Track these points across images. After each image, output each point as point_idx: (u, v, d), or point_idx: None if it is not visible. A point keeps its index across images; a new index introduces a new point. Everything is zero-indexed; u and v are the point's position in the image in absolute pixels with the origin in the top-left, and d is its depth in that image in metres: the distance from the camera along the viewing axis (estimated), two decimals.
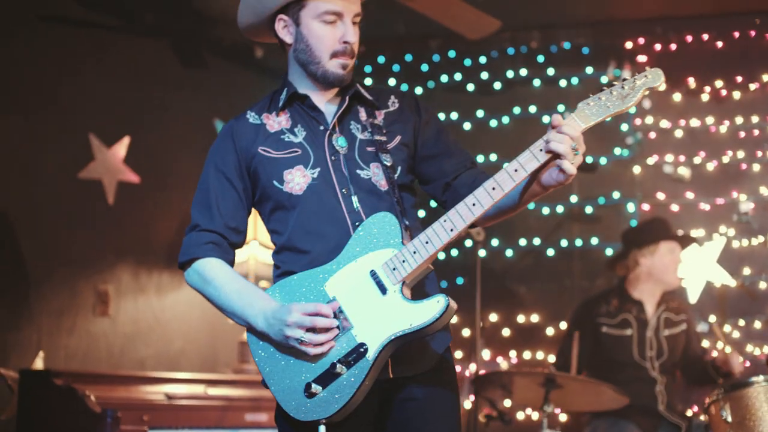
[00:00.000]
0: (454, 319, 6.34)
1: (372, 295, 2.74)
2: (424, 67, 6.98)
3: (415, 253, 2.71)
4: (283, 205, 2.91)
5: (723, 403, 4.45)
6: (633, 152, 6.54)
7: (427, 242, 2.71)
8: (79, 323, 5.85)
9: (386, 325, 2.70)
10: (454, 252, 6.66)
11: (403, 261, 2.71)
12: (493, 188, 2.68)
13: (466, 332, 6.60)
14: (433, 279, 2.94)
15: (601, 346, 5.60)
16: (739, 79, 6.41)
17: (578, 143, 2.64)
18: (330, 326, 2.71)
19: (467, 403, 5.93)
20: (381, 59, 7.03)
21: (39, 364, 5.31)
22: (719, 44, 6.49)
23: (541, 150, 2.66)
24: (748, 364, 6.07)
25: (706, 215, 6.38)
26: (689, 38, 6.54)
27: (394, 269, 2.72)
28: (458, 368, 6.44)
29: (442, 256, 6.54)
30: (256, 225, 6.03)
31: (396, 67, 7.01)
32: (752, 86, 6.39)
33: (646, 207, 6.46)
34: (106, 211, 6.03)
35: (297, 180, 2.89)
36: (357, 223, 2.83)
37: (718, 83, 6.45)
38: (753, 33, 6.44)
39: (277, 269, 2.96)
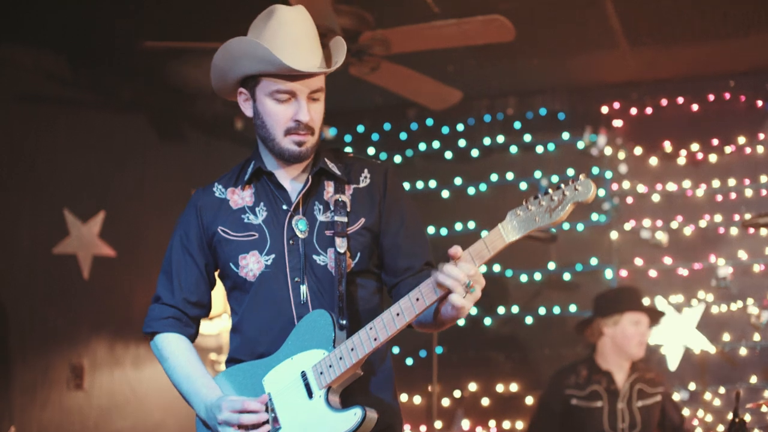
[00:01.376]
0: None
1: (300, 397, 2.72)
2: (403, 136, 7.02)
3: (341, 359, 2.66)
4: (239, 287, 2.91)
5: None
6: (610, 218, 6.49)
7: (352, 349, 2.65)
8: (53, 397, 5.88)
9: (308, 430, 2.68)
10: None
11: (330, 366, 2.67)
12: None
13: (445, 402, 6.55)
14: (386, 380, 2.90)
15: (572, 418, 5.50)
16: (715, 141, 6.35)
17: (474, 279, 2.53)
18: (258, 421, 2.71)
19: None
20: (360, 128, 7.08)
21: None
22: (694, 107, 6.44)
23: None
24: None
25: (684, 281, 6.29)
26: (664, 102, 6.51)
27: (321, 373, 2.69)
28: None
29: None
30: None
31: (375, 136, 7.06)
32: (728, 149, 6.32)
33: (624, 273, 6.39)
34: (81, 285, 6.09)
35: (251, 266, 2.86)
36: (302, 317, 2.80)
37: (694, 146, 6.39)
38: (728, 95, 6.38)
39: (230, 353, 2.97)
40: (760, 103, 6.32)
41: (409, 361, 6.66)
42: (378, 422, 2.70)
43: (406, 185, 6.89)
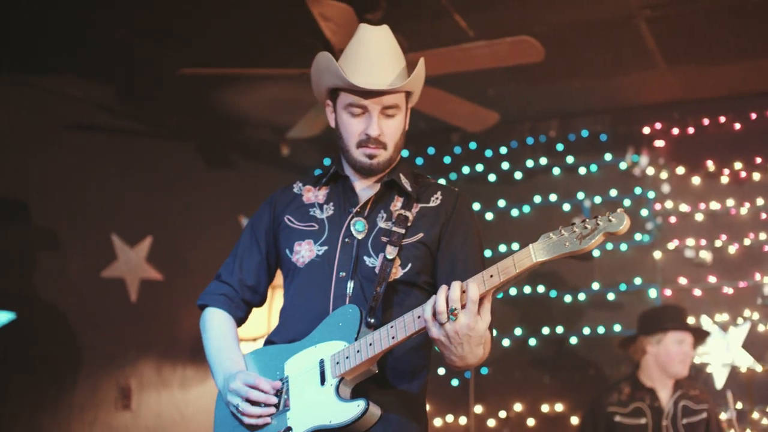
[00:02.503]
0: (479, 409, 6.36)
1: (313, 383, 2.79)
2: (447, 159, 7.08)
3: (358, 352, 2.72)
4: (290, 274, 3.03)
5: None
6: (653, 237, 6.47)
7: (370, 344, 2.71)
8: (101, 417, 6.00)
9: (312, 415, 2.75)
10: None
11: (347, 357, 2.74)
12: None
13: (491, 422, 6.55)
14: (415, 398, 2.91)
15: None
16: (759, 160, 6.31)
17: (457, 309, 2.56)
18: (265, 401, 2.78)
19: None
20: (405, 153, 7.10)
21: None
22: (737, 126, 6.42)
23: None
24: None
25: (729, 299, 6.23)
26: (706, 121, 6.50)
27: (337, 363, 2.76)
28: None
29: None
30: (269, 318, 6.15)
31: (419, 161, 7.13)
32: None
33: (668, 292, 6.36)
34: (129, 308, 6.23)
35: (303, 253, 2.99)
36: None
37: (737, 165, 6.36)
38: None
39: (266, 339, 3.08)
40: None
41: (455, 382, 6.67)
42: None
43: None
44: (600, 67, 6.03)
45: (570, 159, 6.81)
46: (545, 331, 6.60)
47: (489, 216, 6.90)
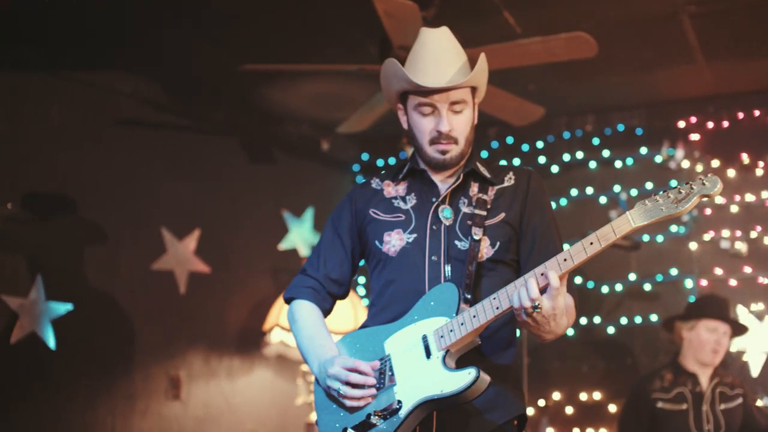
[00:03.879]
0: None
1: (418, 357, 2.93)
2: (484, 154, 7.20)
3: (462, 324, 2.88)
4: (379, 265, 3.20)
5: None
6: (689, 229, 6.60)
7: (474, 316, 2.87)
8: (152, 407, 6.15)
9: (421, 387, 2.88)
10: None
11: (451, 330, 2.89)
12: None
13: (530, 411, 6.68)
14: (507, 369, 3.08)
15: (657, 423, 5.60)
16: None
17: (540, 302, 2.74)
18: (365, 383, 2.92)
19: None
20: None
21: None
22: None
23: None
24: None
25: (764, 289, 6.36)
26: (741, 115, 6.62)
27: (441, 337, 2.91)
28: None
29: None
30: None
31: None
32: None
33: (704, 283, 6.48)
34: (178, 300, 6.37)
35: (393, 242, 3.16)
36: None
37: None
38: None
39: (365, 326, 3.22)
40: None
41: None
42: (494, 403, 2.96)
43: None
44: (640, 63, 6.15)
45: (606, 153, 6.94)
46: (583, 321, 6.73)
47: None
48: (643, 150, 6.84)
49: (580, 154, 7.03)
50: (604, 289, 6.73)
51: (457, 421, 2.98)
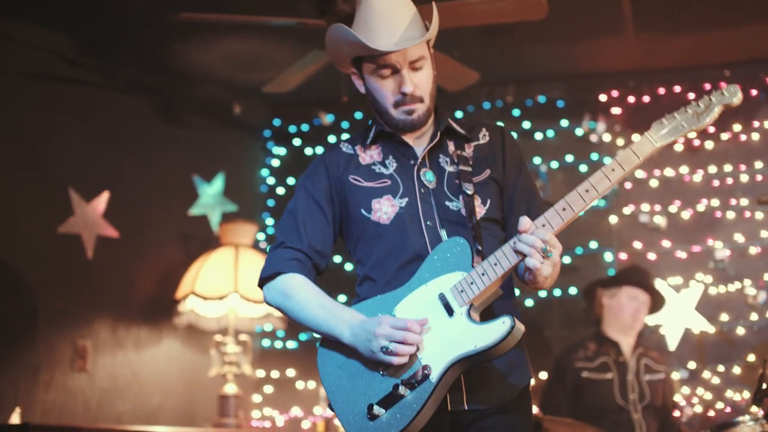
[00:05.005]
0: None
1: (439, 317, 2.75)
2: None
3: (483, 274, 2.72)
4: (369, 234, 2.98)
5: None
6: (609, 202, 6.61)
7: (495, 264, 2.71)
8: (57, 378, 5.79)
9: (450, 347, 2.70)
10: None
11: (471, 283, 2.73)
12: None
13: None
14: (510, 304, 2.96)
15: (583, 392, 5.61)
16: (711, 129, 6.49)
17: (550, 244, 2.69)
18: (417, 342, 2.71)
19: None
20: (358, 115, 7.11)
21: (16, 419, 5.24)
22: (691, 96, 6.57)
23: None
24: (728, 409, 6.10)
25: (682, 263, 6.42)
26: (661, 90, 6.66)
27: (462, 291, 2.74)
28: None
29: None
30: (236, 278, 6.03)
31: None
32: (724, 136, 6.50)
33: (623, 256, 6.51)
34: (85, 265, 6.02)
35: (385, 209, 2.95)
36: None
37: (691, 133, 6.50)
38: (723, 84, 6.49)
39: (357, 298, 2.99)
40: (754, 92, 6.49)
41: None
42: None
43: None
44: (569, 33, 6.10)
45: (526, 124, 6.88)
46: None
47: None
48: (564, 122, 6.81)
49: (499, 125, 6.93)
50: None
51: (484, 385, 2.82)
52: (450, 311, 2.74)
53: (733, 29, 6.10)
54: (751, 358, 6.18)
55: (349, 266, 6.64)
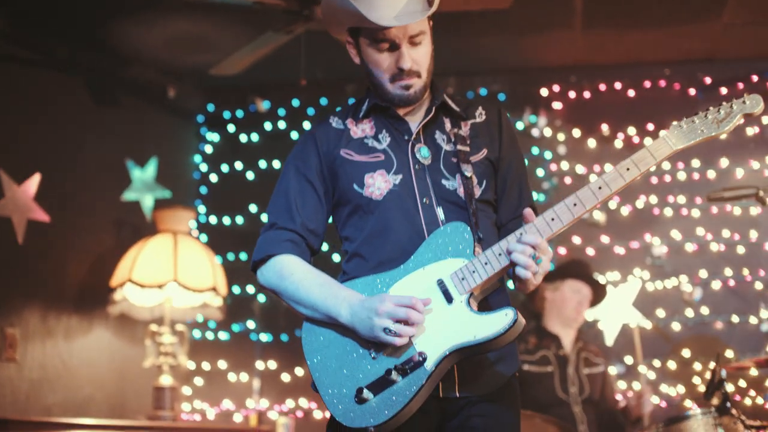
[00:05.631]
0: None
1: (436, 304, 2.68)
2: None
3: (486, 264, 2.66)
4: (361, 209, 2.89)
5: None
6: (549, 197, 6.62)
7: (500, 254, 2.66)
8: None
9: (449, 335, 2.64)
10: None
11: (473, 271, 2.67)
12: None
13: None
14: (506, 296, 2.90)
15: (524, 385, 5.58)
16: (651, 126, 6.57)
17: (540, 250, 2.64)
18: (420, 322, 2.64)
19: None
20: (295, 102, 6.97)
21: None
22: (631, 93, 6.66)
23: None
24: (664, 404, 6.17)
25: (620, 259, 6.48)
26: (602, 86, 6.70)
27: (462, 279, 2.67)
28: None
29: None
30: (176, 266, 5.85)
31: (311, 111, 6.96)
32: (663, 134, 6.54)
33: (562, 251, 6.53)
34: (15, 250, 5.73)
35: (378, 184, 2.87)
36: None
37: (631, 130, 6.60)
38: (663, 82, 6.63)
39: (344, 275, 2.90)
40: (692, 91, 6.59)
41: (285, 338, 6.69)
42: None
43: None
44: (517, 25, 6.08)
45: None
46: None
47: None
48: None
49: None
50: None
51: (475, 373, 2.78)
52: (449, 298, 2.68)
53: (674, 28, 6.16)
54: (686, 353, 6.28)
55: (336, 257, 6.50)
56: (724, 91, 6.54)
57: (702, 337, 6.32)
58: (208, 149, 7.05)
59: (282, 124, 6.94)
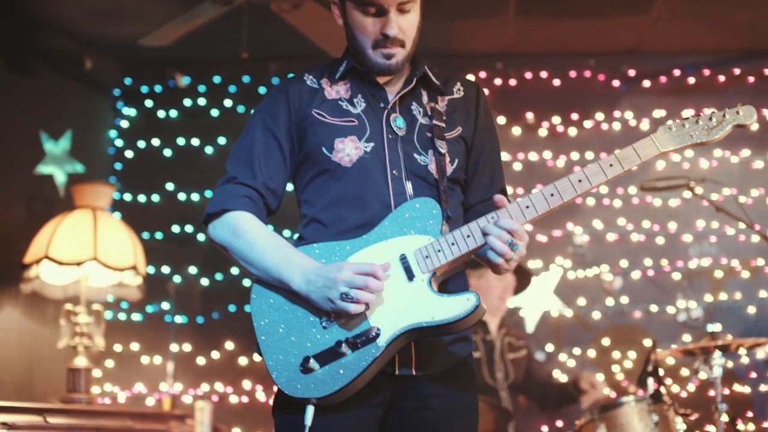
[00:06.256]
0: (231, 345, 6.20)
1: (396, 279, 2.58)
2: (262, 90, 6.78)
3: (453, 245, 2.59)
4: (327, 174, 2.76)
5: (598, 423, 4.58)
6: None
7: (468, 236, 2.58)
8: None
9: (405, 313, 2.55)
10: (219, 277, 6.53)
11: (439, 251, 2.59)
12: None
13: (243, 360, 6.40)
14: (465, 280, 2.83)
15: None
16: (575, 116, 6.62)
17: (517, 236, 2.59)
18: (380, 290, 2.53)
19: None
20: (217, 79, 6.79)
21: None
22: (556, 82, 6.69)
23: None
24: None
25: (543, 247, 6.51)
26: (528, 75, 6.72)
27: (427, 257, 2.59)
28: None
29: (205, 282, 6.41)
30: (96, 243, 5.61)
31: (232, 88, 6.79)
32: (587, 124, 6.62)
33: None
34: None
35: (348, 151, 2.75)
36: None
37: (555, 119, 6.64)
38: (588, 73, 6.68)
39: (301, 241, 2.77)
40: (616, 83, 6.66)
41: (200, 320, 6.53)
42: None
43: None
44: (447, 10, 6.02)
45: None
46: None
47: None
48: None
49: None
50: None
51: (431, 353, 2.70)
52: (410, 275, 2.59)
53: (602, 20, 6.21)
54: (606, 342, 6.35)
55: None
56: (647, 84, 6.64)
57: (621, 326, 6.40)
58: (124, 124, 6.81)
59: (202, 101, 6.75)
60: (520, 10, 6.02)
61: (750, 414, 6.16)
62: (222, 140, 6.68)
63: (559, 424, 6.12)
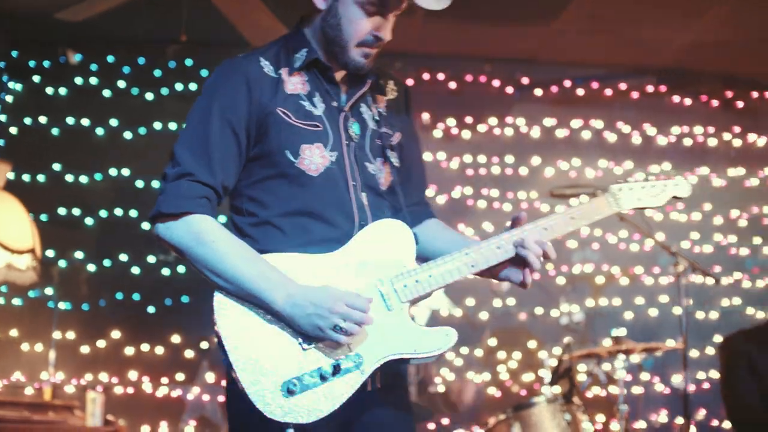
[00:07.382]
0: (177, 339, 6.10)
1: (376, 307, 2.51)
2: (157, 73, 6.62)
3: (430, 277, 2.56)
4: (286, 179, 2.62)
5: (513, 422, 4.73)
6: None
7: (449, 272, 2.58)
8: None
9: (388, 344, 2.51)
10: (181, 269, 6.36)
11: (417, 281, 2.56)
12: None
13: (189, 353, 6.31)
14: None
15: None
16: (469, 119, 6.76)
17: (549, 251, 2.63)
18: (369, 323, 2.47)
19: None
20: (110, 58, 6.57)
21: None
22: (452, 85, 6.81)
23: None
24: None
25: None
26: (426, 76, 6.81)
27: (405, 286, 2.55)
28: (180, 392, 6.20)
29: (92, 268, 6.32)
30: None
31: (126, 69, 6.59)
32: (480, 128, 6.77)
33: None
34: None
35: (315, 159, 2.62)
36: (363, 223, 2.62)
37: (450, 121, 6.76)
38: (483, 78, 6.83)
39: (253, 242, 2.61)
40: (510, 89, 6.84)
41: (151, 309, 6.33)
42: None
43: (158, 125, 6.55)
44: None
45: None
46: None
47: None
48: None
49: None
50: None
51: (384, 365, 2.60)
52: (388, 305, 2.55)
53: (503, 27, 6.35)
54: (492, 342, 6.52)
55: None
56: (538, 92, 6.85)
57: (507, 327, 6.58)
58: (9, 99, 6.51)
59: (94, 80, 6.53)
60: (431, 12, 6.06)
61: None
62: (114, 122, 6.49)
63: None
